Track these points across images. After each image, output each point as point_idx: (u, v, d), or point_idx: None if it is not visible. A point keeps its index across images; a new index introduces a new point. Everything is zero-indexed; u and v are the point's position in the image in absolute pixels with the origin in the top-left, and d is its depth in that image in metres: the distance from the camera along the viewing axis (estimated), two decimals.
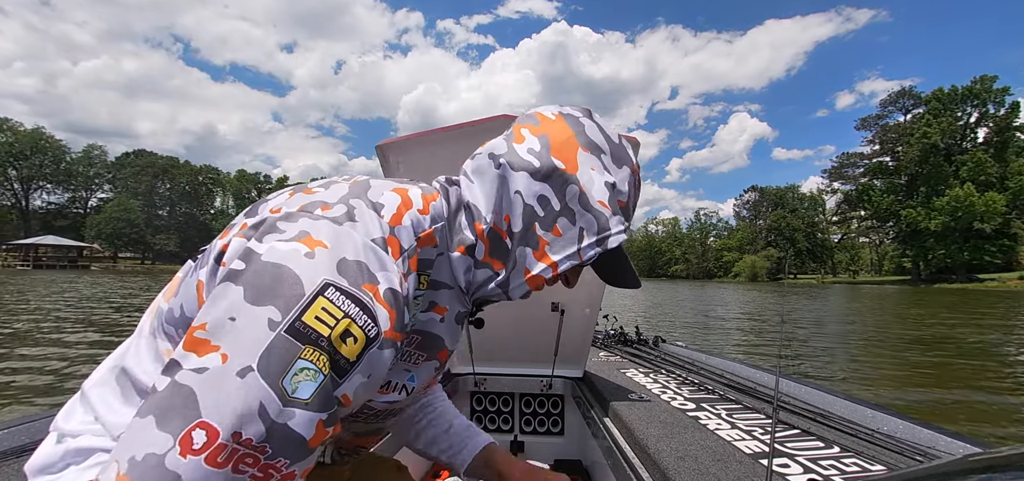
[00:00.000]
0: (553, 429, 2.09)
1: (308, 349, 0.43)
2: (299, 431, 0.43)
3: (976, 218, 42.75)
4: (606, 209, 0.61)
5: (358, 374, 0.47)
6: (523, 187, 0.60)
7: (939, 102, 50.75)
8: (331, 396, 0.45)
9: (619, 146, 0.65)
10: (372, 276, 0.49)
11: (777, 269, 60.69)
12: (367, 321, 0.47)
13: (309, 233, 0.49)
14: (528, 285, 0.62)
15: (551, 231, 0.60)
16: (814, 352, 8.10)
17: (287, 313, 0.44)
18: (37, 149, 60.86)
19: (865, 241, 68.51)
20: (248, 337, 0.43)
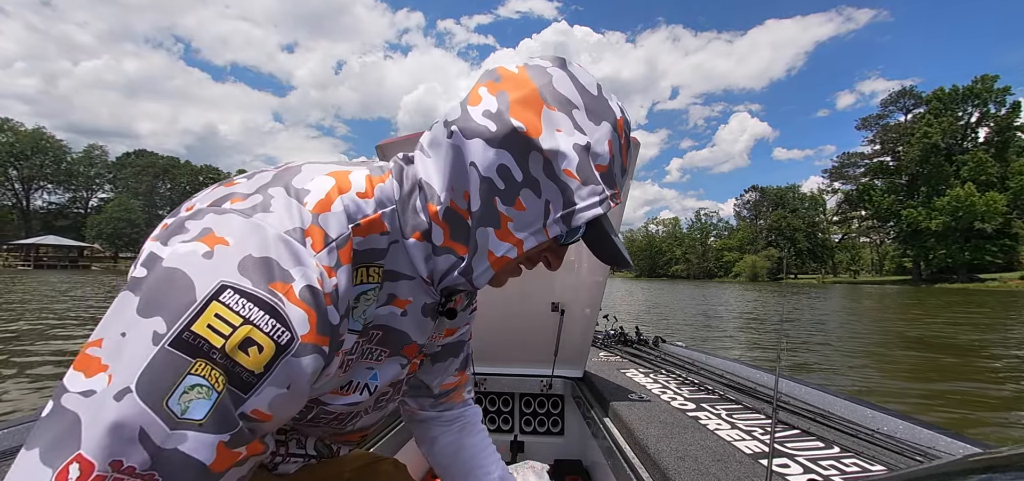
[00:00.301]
0: (553, 429, 2.09)
1: (199, 363, 0.38)
2: (195, 456, 0.38)
3: (977, 218, 42.69)
4: (573, 179, 0.51)
5: (268, 387, 0.41)
6: (478, 157, 0.51)
7: (940, 102, 50.69)
8: (233, 415, 0.40)
9: (598, 98, 0.55)
10: (284, 273, 0.43)
11: (778, 269, 60.65)
12: (275, 326, 0.41)
13: (211, 230, 0.44)
14: (493, 268, 0.54)
15: (514, 206, 0.52)
16: (819, 359, 8.09)
17: (173, 324, 0.39)
18: (38, 149, 60.91)
19: (866, 241, 68.47)
20: (130, 354, 0.38)
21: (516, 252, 0.53)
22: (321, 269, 0.46)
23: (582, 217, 0.52)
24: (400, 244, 0.55)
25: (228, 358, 0.39)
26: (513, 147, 0.51)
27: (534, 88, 0.53)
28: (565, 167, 0.51)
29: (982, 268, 45.39)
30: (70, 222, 63.25)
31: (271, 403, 0.42)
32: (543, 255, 0.60)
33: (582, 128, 0.53)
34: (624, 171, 0.58)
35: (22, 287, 18.59)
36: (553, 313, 1.83)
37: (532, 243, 0.53)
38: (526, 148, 0.51)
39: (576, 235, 0.54)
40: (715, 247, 76.61)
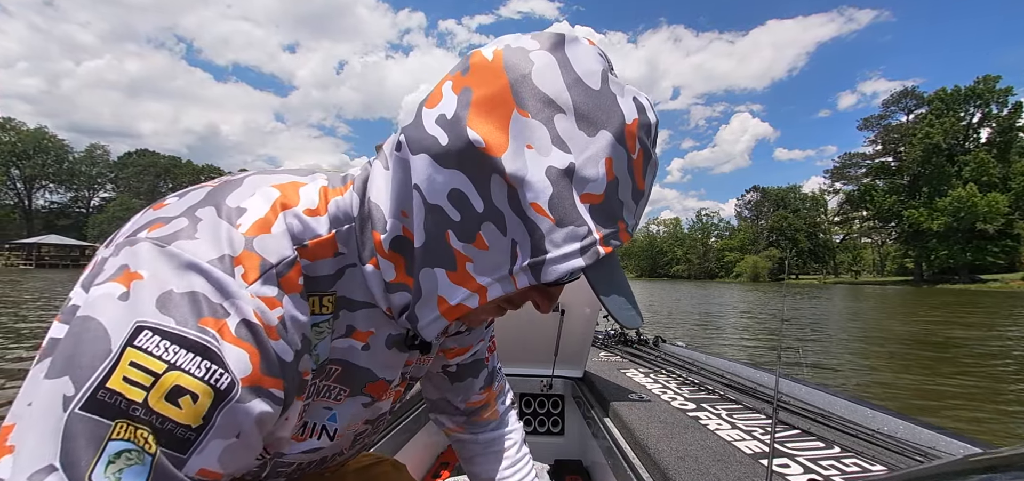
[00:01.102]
0: (553, 429, 2.09)
1: (119, 425, 0.32)
2: None
3: (979, 219, 42.62)
4: (545, 217, 0.37)
5: (213, 440, 0.35)
6: (423, 178, 0.40)
7: (942, 102, 50.62)
8: (176, 477, 0.33)
9: (598, 94, 0.39)
10: (214, 308, 0.36)
11: (779, 269, 60.58)
12: (210, 369, 0.34)
13: (127, 266, 0.36)
14: (445, 319, 0.43)
15: (473, 243, 0.40)
16: (822, 358, 8.08)
17: (82, 383, 0.32)
18: (40, 149, 61.10)
19: (867, 242, 68.38)
20: (40, 427, 0.32)
21: (478, 301, 0.42)
22: (257, 301, 0.38)
23: (554, 271, 0.38)
24: (357, 268, 0.46)
25: (154, 413, 0.33)
26: (469, 167, 0.38)
27: (505, 84, 0.38)
28: (532, 200, 0.37)
29: (984, 269, 45.30)
30: (72, 221, 63.44)
31: (220, 458, 0.36)
32: (528, 296, 0.47)
33: (565, 142, 0.38)
34: (639, 196, 0.42)
35: (33, 286, 18.64)
36: (553, 313, 1.83)
37: (498, 292, 0.41)
38: (487, 169, 0.38)
39: (566, 279, 0.40)
40: (716, 247, 76.58)
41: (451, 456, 1.93)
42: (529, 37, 0.41)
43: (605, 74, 0.41)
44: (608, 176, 0.38)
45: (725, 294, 28.96)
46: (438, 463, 1.89)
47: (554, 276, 0.38)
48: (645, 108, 0.42)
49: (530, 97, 0.38)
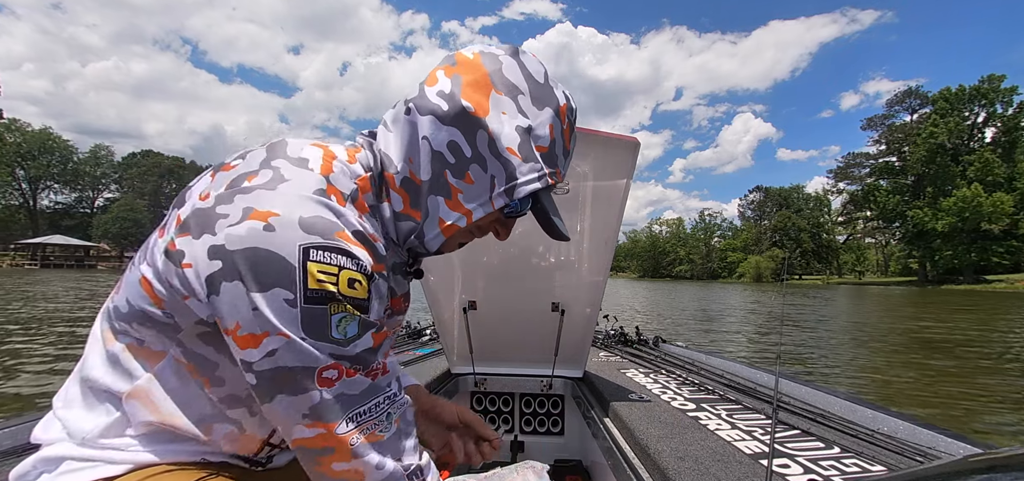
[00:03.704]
0: (553, 429, 2.09)
1: (331, 306, 0.51)
2: (366, 347, 0.54)
3: (983, 219, 42.33)
4: (515, 156, 0.58)
5: (375, 301, 0.55)
6: (429, 132, 0.58)
7: (946, 102, 50.28)
8: (369, 322, 0.54)
9: (544, 86, 0.61)
10: (335, 225, 0.52)
11: (782, 269, 60.36)
12: (358, 264, 0.52)
13: (253, 207, 0.50)
14: (444, 235, 0.61)
15: (463, 179, 0.59)
16: (824, 357, 8.04)
17: (294, 289, 0.49)
18: (45, 149, 61.39)
19: (871, 242, 68.05)
20: (285, 318, 0.49)
21: (466, 221, 0.60)
22: (355, 216, 0.55)
23: (523, 190, 0.59)
24: (378, 208, 0.62)
25: (345, 296, 0.51)
26: (462, 125, 0.57)
27: (485, 73, 0.58)
28: (508, 146, 0.58)
29: (988, 269, 45.01)
30: (77, 222, 63.75)
31: (375, 311, 0.56)
32: (493, 226, 0.66)
33: (526, 112, 0.59)
34: (567, 153, 0.64)
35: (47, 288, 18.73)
36: (553, 313, 1.82)
37: (480, 213, 0.60)
38: (474, 127, 0.57)
39: (522, 209, 0.61)
40: (719, 248, 76.38)
41: (451, 456, 1.93)
42: (493, 46, 0.62)
43: (546, 74, 0.62)
44: (551, 136, 0.60)
45: (727, 294, 28.87)
46: (438, 463, 1.88)
47: (523, 193, 0.59)
48: (570, 98, 0.64)
49: (501, 83, 0.59)
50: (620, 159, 1.41)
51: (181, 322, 0.55)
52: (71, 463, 0.56)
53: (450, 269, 1.76)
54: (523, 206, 0.61)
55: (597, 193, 1.50)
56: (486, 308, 1.85)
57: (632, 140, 1.37)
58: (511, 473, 1.00)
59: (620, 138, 1.38)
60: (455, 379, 2.05)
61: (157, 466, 0.58)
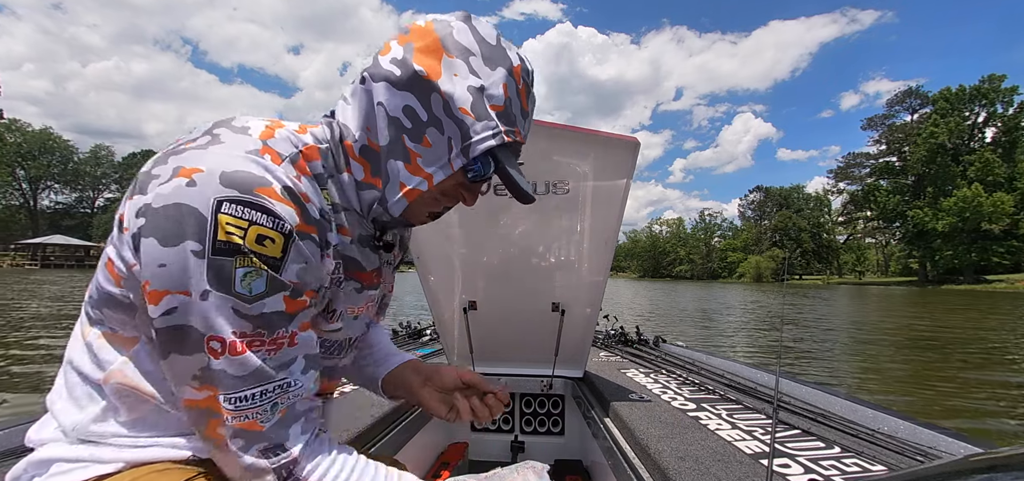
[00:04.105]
0: (553, 429, 2.09)
1: (237, 259, 0.50)
2: (275, 309, 0.53)
3: (984, 219, 42.31)
4: (469, 115, 0.58)
5: (292, 264, 0.53)
6: (384, 98, 0.59)
7: (946, 102, 50.26)
8: (282, 281, 0.53)
9: (496, 47, 0.61)
10: (262, 179, 0.51)
11: (782, 269, 60.31)
12: (274, 220, 0.51)
13: (181, 166, 0.51)
14: (406, 199, 0.61)
15: (421, 143, 0.59)
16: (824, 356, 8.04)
17: (203, 240, 0.49)
18: (45, 149, 61.46)
19: (871, 242, 68.02)
20: (189, 272, 0.49)
21: (427, 185, 0.60)
22: (289, 174, 0.54)
23: (478, 148, 0.59)
24: (336, 179, 0.62)
25: (252, 250, 0.50)
26: (416, 89, 0.58)
27: (436, 38, 0.59)
28: (461, 106, 0.58)
29: (989, 269, 44.97)
30: (77, 222, 63.81)
31: (300, 274, 0.54)
32: (458, 192, 0.66)
33: (478, 73, 0.59)
34: (525, 114, 0.64)
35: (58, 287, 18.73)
36: (553, 313, 1.82)
37: (441, 176, 0.60)
38: (428, 90, 0.58)
39: (484, 172, 0.61)
40: (719, 248, 76.37)
41: (451, 456, 1.93)
42: (449, 14, 0.62)
43: (499, 37, 0.62)
44: (505, 95, 0.60)
45: (727, 294, 28.86)
46: (438, 463, 1.89)
47: (478, 151, 0.58)
48: (525, 60, 0.64)
49: (453, 46, 0.59)
50: (620, 159, 1.40)
51: (136, 300, 0.54)
52: (61, 465, 0.56)
53: (450, 269, 1.76)
54: (485, 168, 0.61)
55: (597, 193, 1.50)
56: (486, 308, 1.85)
57: (632, 140, 1.37)
58: (511, 473, 1.00)
59: (620, 138, 1.38)
60: None
61: (147, 465, 0.58)
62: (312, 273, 0.56)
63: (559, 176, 1.47)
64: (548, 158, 1.43)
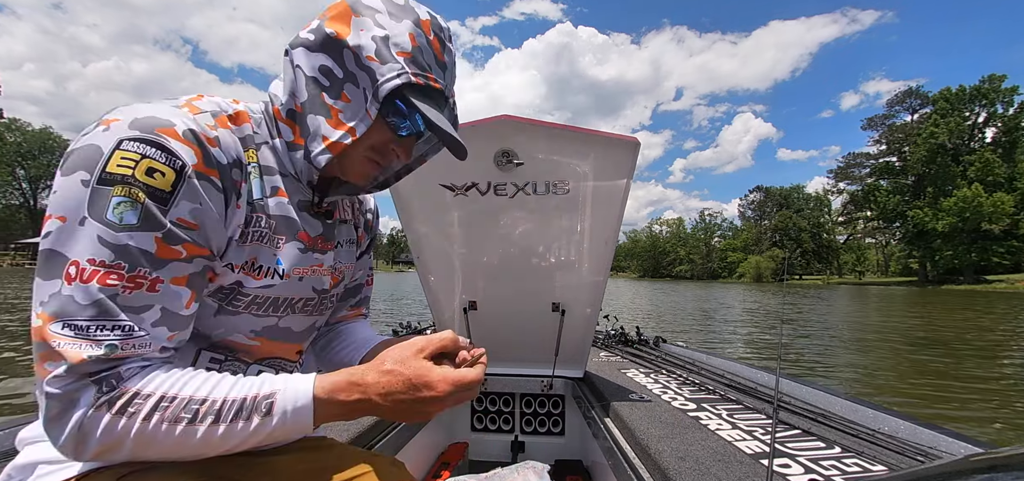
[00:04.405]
0: (554, 429, 2.09)
1: (117, 188, 0.51)
2: (141, 246, 0.53)
3: (984, 219, 42.30)
4: (375, 61, 0.62)
5: (183, 201, 0.55)
6: (302, 61, 0.64)
7: (946, 102, 50.25)
8: (159, 219, 0.53)
9: (403, 5, 0.65)
10: (166, 121, 0.55)
11: (782, 269, 60.31)
12: (168, 156, 0.54)
13: (105, 118, 0.55)
14: (330, 152, 0.64)
15: (340, 98, 0.63)
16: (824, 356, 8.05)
17: (92, 171, 0.51)
18: (45, 149, 61.43)
19: (871, 242, 68.00)
20: (72, 199, 0.51)
21: (351, 138, 0.64)
22: (198, 121, 0.58)
23: (384, 89, 0.61)
24: (270, 144, 0.68)
25: (140, 181, 0.52)
26: (329, 50, 0.63)
27: (346, 4, 0.64)
28: (367, 55, 0.62)
29: (989, 269, 44.96)
30: None
31: (192, 213, 0.56)
32: (389, 147, 0.69)
33: (383, 26, 0.63)
34: (442, 64, 0.67)
35: None
36: (554, 313, 1.82)
37: (363, 129, 0.64)
38: (339, 48, 0.62)
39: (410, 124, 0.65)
40: (719, 248, 76.36)
41: (451, 456, 1.93)
42: None
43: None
44: (412, 43, 0.64)
45: (727, 294, 28.87)
46: (438, 463, 1.89)
47: (385, 91, 0.61)
48: (435, 16, 0.68)
49: (360, 7, 0.64)
50: (620, 159, 1.41)
51: None
52: (45, 467, 0.57)
53: (450, 269, 1.76)
54: (411, 121, 0.65)
55: (597, 193, 1.50)
56: (486, 308, 1.85)
57: (632, 140, 1.37)
58: (511, 473, 1.00)
59: (620, 138, 1.38)
60: None
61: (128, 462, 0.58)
62: (207, 217, 0.57)
63: (559, 176, 1.47)
64: (548, 158, 1.43)
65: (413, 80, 0.62)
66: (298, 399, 0.58)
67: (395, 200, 1.56)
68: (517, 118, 1.36)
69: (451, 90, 0.71)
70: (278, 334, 0.73)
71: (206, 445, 0.55)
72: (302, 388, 0.59)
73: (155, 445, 0.52)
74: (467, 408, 2.14)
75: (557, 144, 1.41)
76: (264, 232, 0.66)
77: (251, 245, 0.65)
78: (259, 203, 0.65)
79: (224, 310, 0.66)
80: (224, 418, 0.54)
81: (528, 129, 1.38)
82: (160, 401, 0.52)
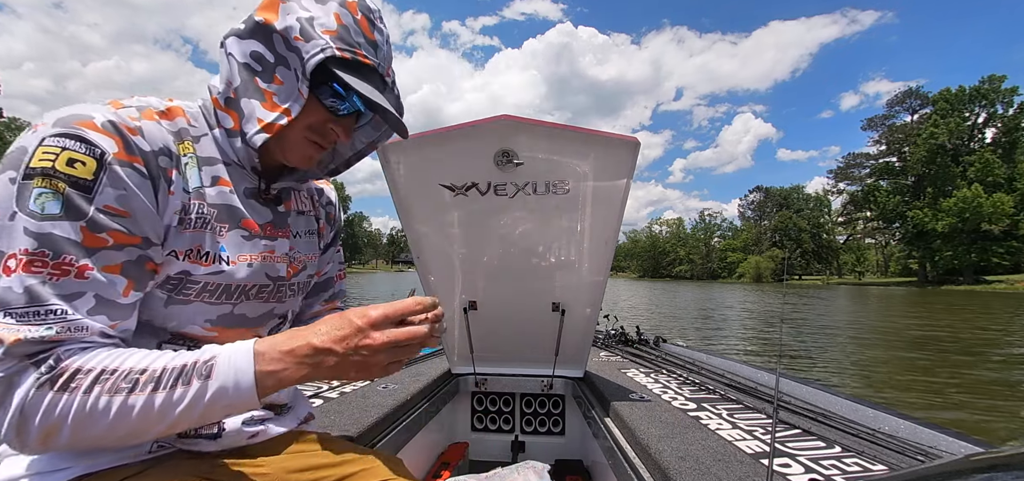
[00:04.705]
0: (554, 429, 2.09)
1: (38, 180, 0.53)
2: (65, 234, 0.54)
3: (983, 220, 42.30)
4: (301, 41, 0.64)
5: (107, 188, 0.56)
6: (235, 50, 0.66)
7: (946, 102, 50.25)
8: (82, 208, 0.55)
9: None
10: (86, 116, 0.57)
11: (782, 270, 60.33)
12: (88, 146, 0.55)
13: (35, 124, 0.57)
14: (266, 132, 0.66)
15: (273, 82, 0.66)
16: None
17: (17, 168, 0.54)
18: None
19: (871, 242, 68.02)
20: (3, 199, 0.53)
21: (287, 119, 0.66)
22: (119, 113, 0.59)
23: (311, 63, 0.64)
24: (209, 136, 0.70)
25: (62, 173, 0.54)
26: (259, 36, 0.66)
27: None
28: (295, 36, 0.64)
29: (988, 270, 44.96)
30: None
31: (118, 200, 0.57)
32: (328, 128, 0.71)
33: (308, 9, 0.66)
34: (372, 42, 0.69)
35: None
36: (554, 313, 1.82)
37: (297, 109, 0.66)
38: (268, 33, 0.65)
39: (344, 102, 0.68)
40: (719, 248, 76.39)
41: (451, 456, 1.93)
42: None
43: None
44: (338, 22, 0.66)
45: (727, 294, 28.85)
46: (438, 463, 1.89)
47: (312, 65, 0.64)
48: None
49: None
50: (620, 159, 1.41)
51: None
52: None
53: (450, 269, 1.76)
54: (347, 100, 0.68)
55: (597, 193, 1.50)
56: (486, 308, 1.85)
57: (632, 140, 1.37)
58: (512, 473, 1.00)
59: (620, 138, 1.38)
60: (456, 379, 2.05)
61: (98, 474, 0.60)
62: (136, 204, 0.58)
63: (559, 176, 1.47)
64: (548, 158, 1.43)
65: (338, 53, 0.64)
66: (237, 355, 0.57)
67: (395, 200, 1.56)
68: (517, 118, 1.36)
69: (387, 69, 0.72)
70: (234, 321, 0.73)
71: (147, 418, 0.53)
72: (242, 346, 0.59)
73: (95, 423, 0.52)
74: (467, 408, 2.14)
75: (557, 144, 1.41)
76: (206, 219, 0.67)
77: (192, 232, 0.65)
78: (197, 191, 0.66)
79: (175, 300, 0.66)
80: (164, 385, 0.54)
81: (528, 129, 1.38)
82: (100, 374, 0.53)
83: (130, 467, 0.62)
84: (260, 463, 0.74)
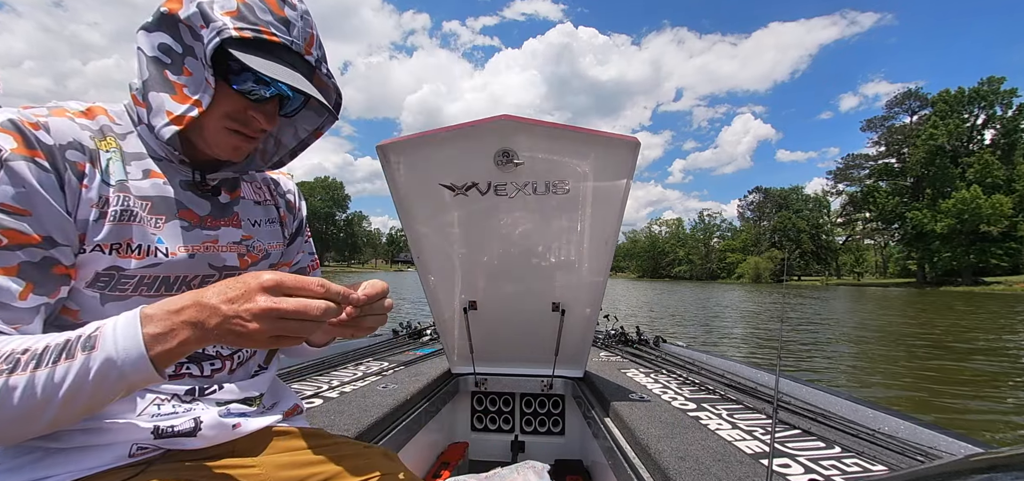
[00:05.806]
0: (554, 429, 2.09)
1: None
2: None
3: (982, 221, 42.35)
4: (203, 28, 0.63)
5: (4, 185, 0.55)
6: (142, 43, 0.66)
7: (945, 104, 50.31)
8: None
9: None
10: None
11: (781, 270, 60.36)
12: None
13: None
14: (175, 125, 0.65)
15: (182, 73, 0.65)
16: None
17: None
18: None
19: (870, 243, 68.07)
20: None
21: (197, 110, 0.65)
22: (22, 112, 0.59)
23: (211, 46, 0.62)
24: (136, 130, 0.70)
25: None
26: (165, 27, 0.65)
27: None
28: (199, 23, 0.63)
29: (987, 271, 45.01)
30: None
31: (16, 197, 0.56)
32: (247, 115, 0.69)
33: None
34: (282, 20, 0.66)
35: None
36: (554, 313, 1.82)
37: (208, 100, 0.65)
38: (174, 23, 0.64)
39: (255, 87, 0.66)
40: (718, 248, 76.43)
41: (451, 456, 1.93)
42: None
43: None
44: (239, 1, 0.64)
45: (726, 295, 28.89)
46: (438, 463, 1.89)
47: (212, 48, 0.62)
48: None
49: None
50: (620, 159, 1.41)
51: None
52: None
53: (450, 269, 1.76)
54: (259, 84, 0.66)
55: (597, 193, 1.50)
56: (486, 308, 1.85)
57: (632, 140, 1.37)
58: (511, 473, 1.00)
59: (620, 138, 1.38)
60: (456, 379, 2.05)
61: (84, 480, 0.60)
62: (37, 200, 0.57)
63: (559, 176, 1.47)
64: (548, 158, 1.43)
65: (235, 34, 0.62)
66: (123, 322, 0.53)
67: (395, 200, 1.56)
68: (517, 118, 1.36)
69: (306, 47, 0.69)
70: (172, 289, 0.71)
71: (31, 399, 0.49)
72: (130, 313, 0.54)
73: None
74: (467, 408, 2.14)
75: (557, 144, 1.41)
76: (132, 212, 0.65)
77: (117, 225, 0.63)
78: (120, 184, 0.65)
79: (110, 297, 0.64)
80: (46, 361, 0.50)
81: (528, 129, 1.38)
82: None
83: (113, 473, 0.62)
84: (249, 462, 0.73)
